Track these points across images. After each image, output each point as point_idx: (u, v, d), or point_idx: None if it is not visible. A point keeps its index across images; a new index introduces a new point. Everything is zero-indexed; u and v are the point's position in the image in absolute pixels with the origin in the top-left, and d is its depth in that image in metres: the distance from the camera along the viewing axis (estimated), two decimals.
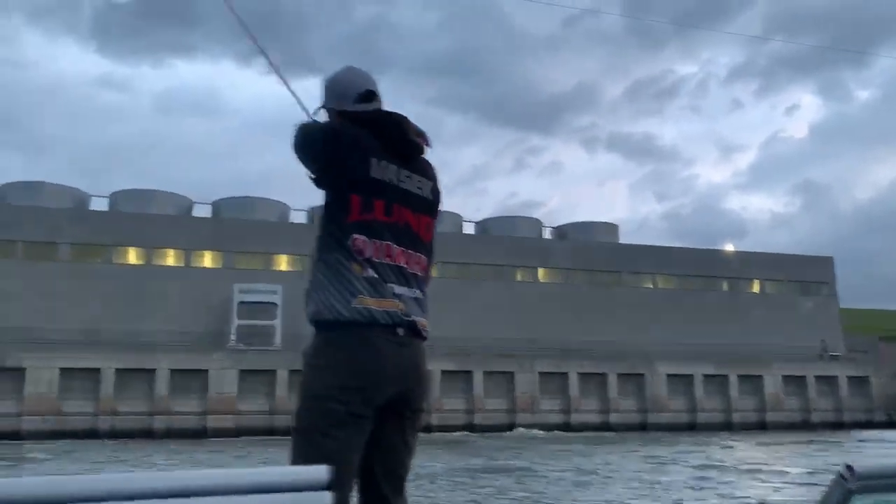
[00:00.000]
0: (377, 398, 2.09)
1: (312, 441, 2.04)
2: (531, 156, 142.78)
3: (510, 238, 51.80)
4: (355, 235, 2.18)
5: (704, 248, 57.18)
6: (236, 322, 41.58)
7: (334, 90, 2.44)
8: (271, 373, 36.00)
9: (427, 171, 2.40)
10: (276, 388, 35.74)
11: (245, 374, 35.67)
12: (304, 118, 2.42)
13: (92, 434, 32.47)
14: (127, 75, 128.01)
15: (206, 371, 35.19)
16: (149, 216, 44.99)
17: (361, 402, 2.05)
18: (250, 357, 36.89)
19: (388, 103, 2.45)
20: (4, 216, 42.37)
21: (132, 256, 44.15)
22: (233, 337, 40.76)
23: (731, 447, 27.46)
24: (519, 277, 50.56)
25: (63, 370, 33.54)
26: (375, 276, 2.16)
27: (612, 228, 58.15)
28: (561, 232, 57.24)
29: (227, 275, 43.66)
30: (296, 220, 51.32)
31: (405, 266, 2.25)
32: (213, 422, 34.31)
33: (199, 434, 33.52)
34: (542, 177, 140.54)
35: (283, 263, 46.11)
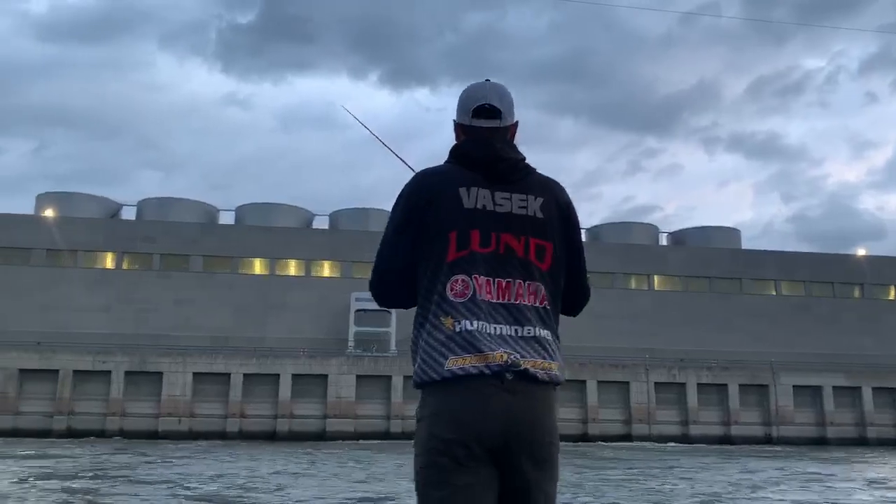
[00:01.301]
0: (481, 450, 1.90)
1: (428, 496, 1.91)
2: (647, 158, 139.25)
3: (623, 245, 50.83)
4: (454, 278, 2.00)
5: (834, 252, 53.91)
6: (354, 329, 43.00)
7: (460, 103, 2.29)
8: (387, 378, 37.00)
9: (537, 188, 2.15)
10: (392, 394, 36.68)
11: (362, 379, 36.85)
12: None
13: (221, 435, 34.46)
14: (250, 93, 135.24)
15: (326, 376, 36.61)
16: (272, 229, 47.34)
17: (466, 455, 1.89)
18: (367, 363, 38.08)
19: None
20: (143, 231, 45.80)
21: (257, 267, 46.58)
22: (351, 343, 42.18)
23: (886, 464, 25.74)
24: (633, 285, 49.53)
25: (196, 374, 35.84)
26: (472, 327, 1.95)
27: (732, 234, 55.91)
28: (678, 238, 55.59)
29: (344, 284, 45.27)
30: None
31: (514, 301, 2.02)
32: (332, 425, 35.61)
33: (319, 437, 34.88)
34: (659, 180, 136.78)
35: None
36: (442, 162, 2.25)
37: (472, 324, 1.96)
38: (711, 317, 47.82)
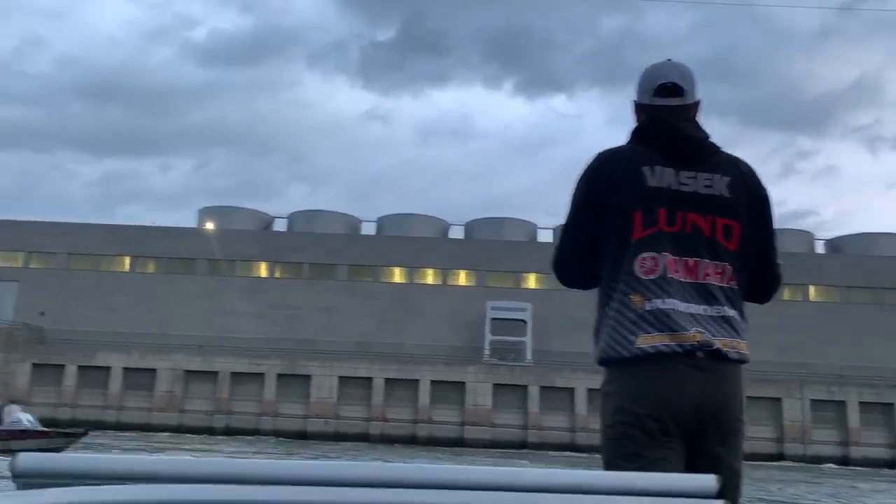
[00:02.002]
0: (674, 426, 1.91)
1: (620, 468, 1.89)
2: (800, 160, 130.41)
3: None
4: (642, 255, 2.01)
5: None
6: (489, 337, 43.35)
7: (640, 83, 2.26)
8: (523, 388, 37.01)
9: (724, 167, 2.12)
10: (528, 403, 36.64)
11: (499, 387, 37.07)
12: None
13: (364, 438, 35.80)
14: (390, 108, 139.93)
15: (464, 383, 37.16)
16: (410, 239, 48.70)
17: (659, 430, 1.90)
18: (503, 372, 38.26)
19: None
20: (293, 242, 48.53)
21: (397, 275, 48.05)
22: (486, 351, 42.54)
23: None
24: (786, 296, 46.63)
25: (341, 378, 37.49)
26: (664, 306, 1.96)
27: None
28: (835, 245, 51.78)
29: (480, 292, 45.76)
30: (543, 239, 52.34)
31: (701, 280, 2.01)
32: (469, 432, 36.05)
33: (456, 443, 35.41)
34: (814, 183, 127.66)
35: (531, 281, 47.26)
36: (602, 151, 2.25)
37: (663, 302, 1.96)
38: (875, 330, 44.10)
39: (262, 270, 47.86)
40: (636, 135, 2.18)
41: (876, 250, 48.93)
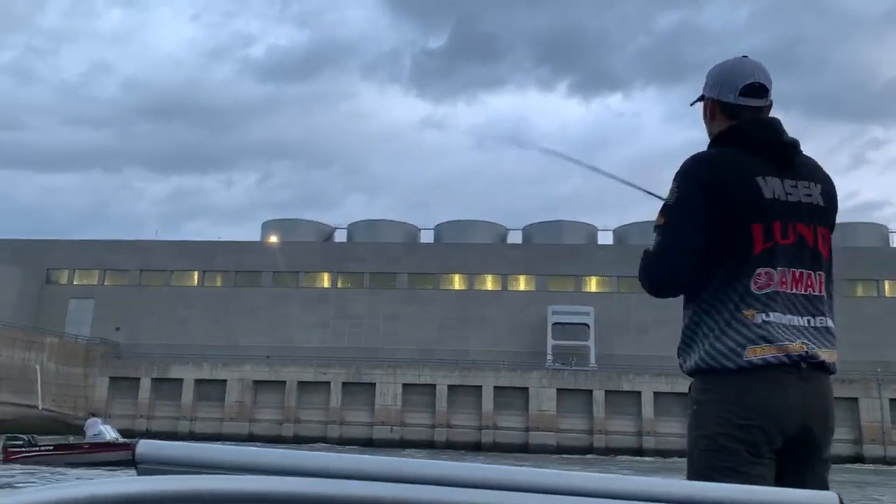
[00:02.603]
0: (777, 438, 1.89)
1: (714, 481, 1.83)
2: (872, 150, 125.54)
3: (847, 248, 46.38)
4: (759, 270, 1.97)
5: None
6: (551, 342, 43.12)
7: (717, 77, 2.16)
8: (588, 392, 36.69)
9: (813, 173, 2.10)
10: (594, 408, 36.29)
11: (563, 392, 36.85)
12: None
13: (429, 444, 36.05)
14: (445, 115, 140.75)
15: (527, 389, 37.06)
16: (469, 245, 48.88)
17: (763, 441, 1.88)
18: (567, 376, 38.01)
19: (694, 107, 2.22)
20: (354, 252, 49.30)
21: (456, 282, 48.28)
22: (549, 356, 42.32)
23: None
24: (859, 292, 45.00)
25: (405, 385, 37.86)
26: (772, 319, 1.95)
27: None
28: None
29: (540, 297, 45.57)
30: (603, 242, 51.81)
31: (807, 292, 2.01)
32: (535, 438, 35.92)
33: (522, 449, 35.32)
34: (888, 173, 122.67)
35: (593, 285, 46.81)
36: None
37: (770, 315, 1.95)
38: None
39: (325, 281, 48.75)
40: (735, 138, 2.08)
41: None
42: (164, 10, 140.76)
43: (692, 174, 2.04)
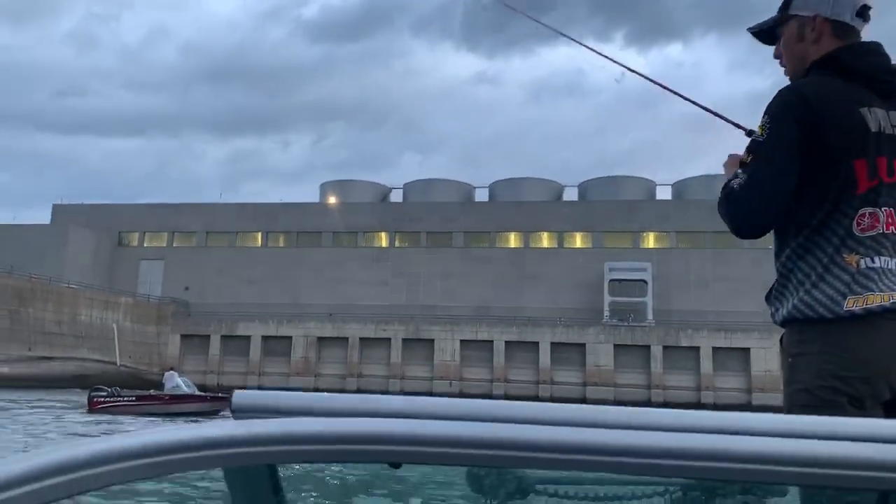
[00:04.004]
0: (884, 390, 1.77)
1: None
2: None
3: None
4: (863, 210, 1.82)
5: None
6: (608, 299, 43.19)
7: None
8: (645, 348, 36.87)
9: None
10: (652, 363, 36.49)
11: (620, 348, 37.12)
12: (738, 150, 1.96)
13: (487, 398, 36.84)
14: (499, 70, 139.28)
15: (584, 345, 37.45)
16: (523, 204, 48.96)
17: (868, 394, 1.75)
18: (623, 332, 38.19)
19: (758, 54, 2.01)
20: (411, 212, 49.96)
21: (512, 240, 48.56)
22: (606, 313, 42.48)
23: None
24: None
25: (463, 342, 38.67)
26: (877, 264, 1.81)
27: None
28: None
29: (597, 254, 45.54)
30: (661, 197, 51.19)
31: None
32: (592, 392, 36.41)
33: (579, 403, 35.86)
34: None
35: (650, 241, 46.50)
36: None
37: (875, 260, 1.82)
38: None
39: (383, 240, 49.65)
40: (834, 65, 1.91)
41: None
42: None
43: (786, 106, 1.87)
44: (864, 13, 1.92)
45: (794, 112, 1.83)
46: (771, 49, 2.08)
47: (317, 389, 38.04)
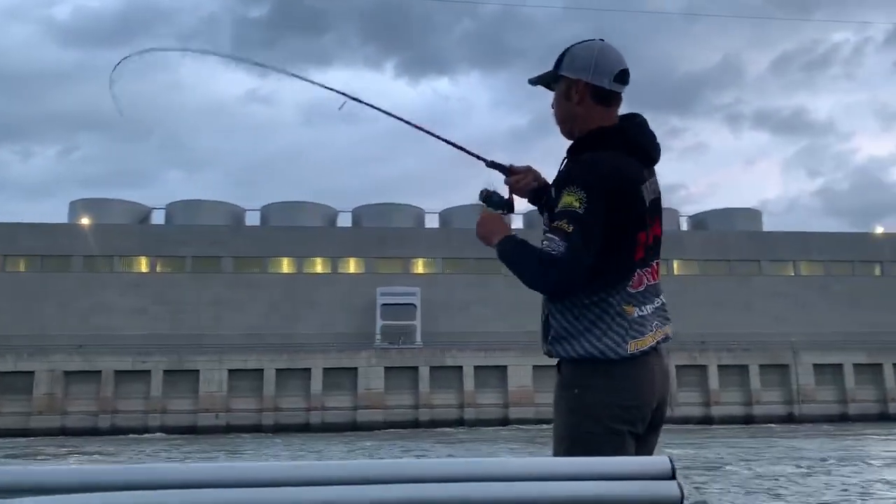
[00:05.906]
0: (649, 415, 2.08)
1: None
2: (671, 138, 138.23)
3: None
4: (638, 272, 2.11)
5: (853, 231, 54.01)
6: (380, 322, 44.26)
7: (588, 60, 2.10)
8: (414, 369, 38.21)
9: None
10: (419, 384, 37.91)
11: (390, 370, 38.10)
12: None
13: (256, 429, 35.92)
14: (272, 90, 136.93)
15: (356, 369, 37.91)
16: (298, 229, 48.61)
17: (639, 419, 2.05)
18: (394, 355, 39.31)
19: (517, 94, 2.22)
20: (174, 235, 47.38)
21: (285, 266, 47.93)
22: (378, 336, 43.44)
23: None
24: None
25: (231, 371, 37.34)
26: (645, 312, 2.10)
27: (753, 215, 56.32)
28: (698, 221, 56.06)
29: (369, 279, 46.51)
30: (430, 225, 53.64)
31: (657, 280, 2.18)
32: (362, 416, 36.92)
33: (350, 427, 36.20)
34: (684, 159, 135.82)
35: (419, 267, 48.51)
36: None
37: (642, 309, 2.09)
38: (731, 299, 48.37)
39: (143, 265, 46.53)
40: (620, 142, 2.09)
41: (733, 224, 53.46)
42: None
43: (600, 180, 2.01)
44: (622, 77, 2.09)
45: (605, 186, 1.99)
46: (529, 89, 2.25)
47: (63, 428, 34.56)
